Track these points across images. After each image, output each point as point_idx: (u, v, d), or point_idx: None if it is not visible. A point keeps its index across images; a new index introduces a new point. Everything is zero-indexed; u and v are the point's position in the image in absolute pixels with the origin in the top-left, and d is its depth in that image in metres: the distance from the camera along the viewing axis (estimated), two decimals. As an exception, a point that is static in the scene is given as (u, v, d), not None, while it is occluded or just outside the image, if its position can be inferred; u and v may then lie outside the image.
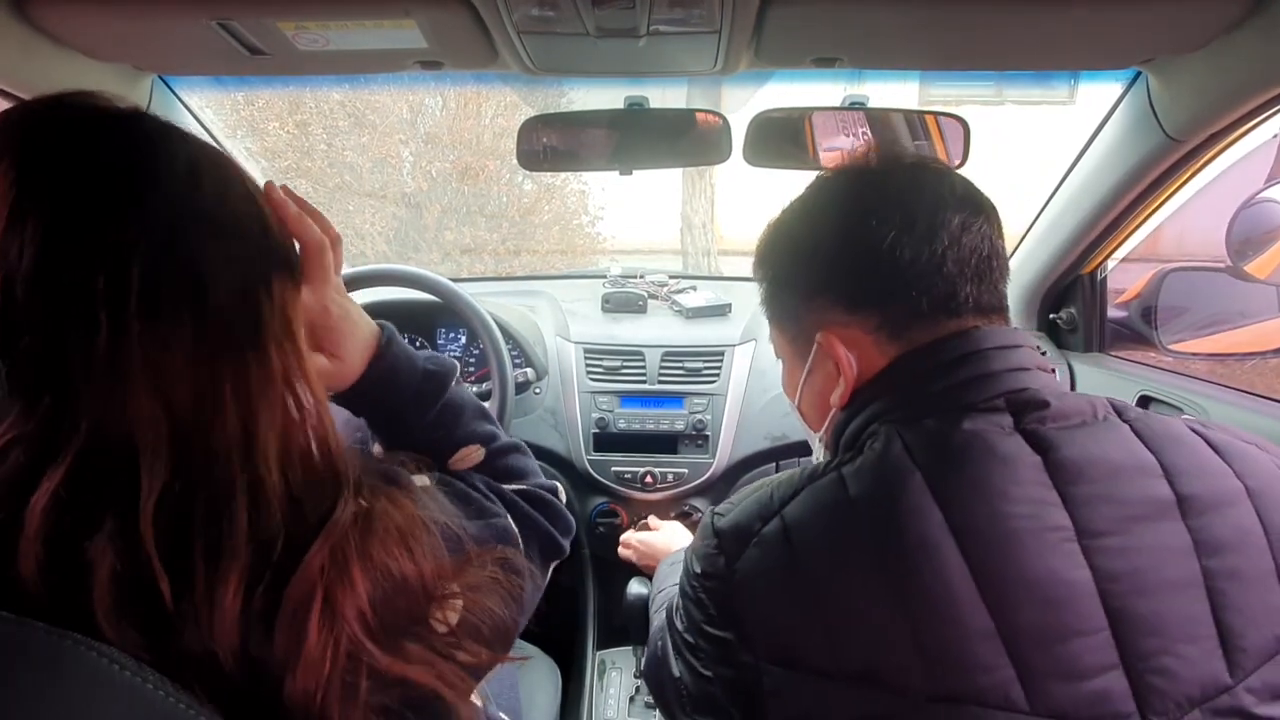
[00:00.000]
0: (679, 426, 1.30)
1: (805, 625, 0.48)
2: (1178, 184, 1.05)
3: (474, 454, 0.63)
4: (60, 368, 0.36)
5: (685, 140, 1.10)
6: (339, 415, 1.08)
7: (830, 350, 0.59)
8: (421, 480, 0.54)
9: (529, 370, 1.32)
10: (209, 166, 0.42)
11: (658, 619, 0.75)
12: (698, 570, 0.55)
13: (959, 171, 0.66)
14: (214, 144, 0.45)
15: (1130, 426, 0.53)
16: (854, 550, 0.49)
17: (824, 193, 0.63)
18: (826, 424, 0.63)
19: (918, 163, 0.63)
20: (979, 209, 0.58)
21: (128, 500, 0.36)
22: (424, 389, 0.62)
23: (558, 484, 0.68)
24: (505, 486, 0.62)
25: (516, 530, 0.59)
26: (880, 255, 0.57)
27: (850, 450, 0.56)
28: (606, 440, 1.32)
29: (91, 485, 0.36)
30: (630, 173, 1.09)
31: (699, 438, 1.30)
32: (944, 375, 0.55)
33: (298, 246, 0.50)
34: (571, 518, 0.67)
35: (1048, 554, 0.46)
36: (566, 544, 0.65)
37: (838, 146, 1.05)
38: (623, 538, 1.19)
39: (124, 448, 0.37)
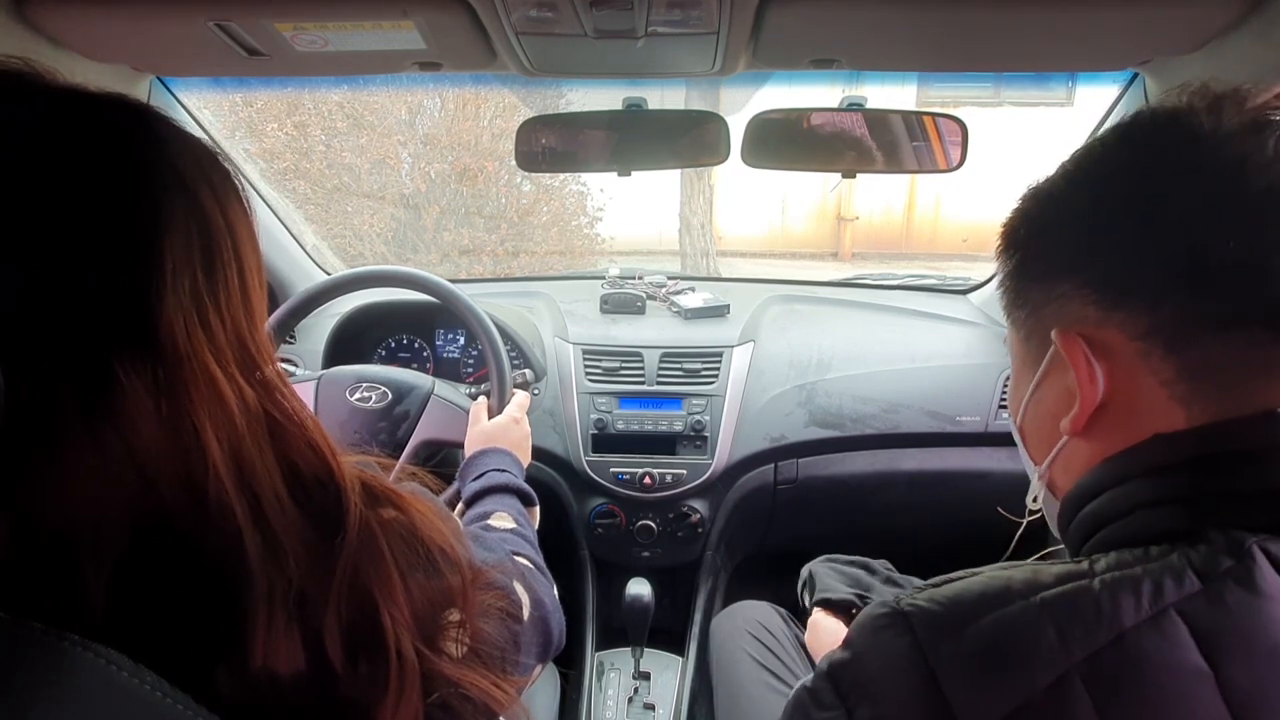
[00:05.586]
0: (677, 427, 1.30)
1: None
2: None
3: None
4: None
5: (683, 141, 1.10)
6: (334, 418, 1.08)
7: (1069, 356, 0.44)
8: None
9: (527, 371, 1.32)
10: None
11: None
12: None
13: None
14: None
15: None
16: None
17: (1110, 143, 0.45)
18: (1052, 456, 0.48)
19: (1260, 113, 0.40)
20: None
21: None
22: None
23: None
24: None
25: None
26: (1168, 224, 0.40)
27: (1103, 541, 0.41)
28: (605, 441, 1.32)
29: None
30: (629, 174, 1.09)
31: (697, 439, 1.30)
32: None
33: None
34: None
35: None
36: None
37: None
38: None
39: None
